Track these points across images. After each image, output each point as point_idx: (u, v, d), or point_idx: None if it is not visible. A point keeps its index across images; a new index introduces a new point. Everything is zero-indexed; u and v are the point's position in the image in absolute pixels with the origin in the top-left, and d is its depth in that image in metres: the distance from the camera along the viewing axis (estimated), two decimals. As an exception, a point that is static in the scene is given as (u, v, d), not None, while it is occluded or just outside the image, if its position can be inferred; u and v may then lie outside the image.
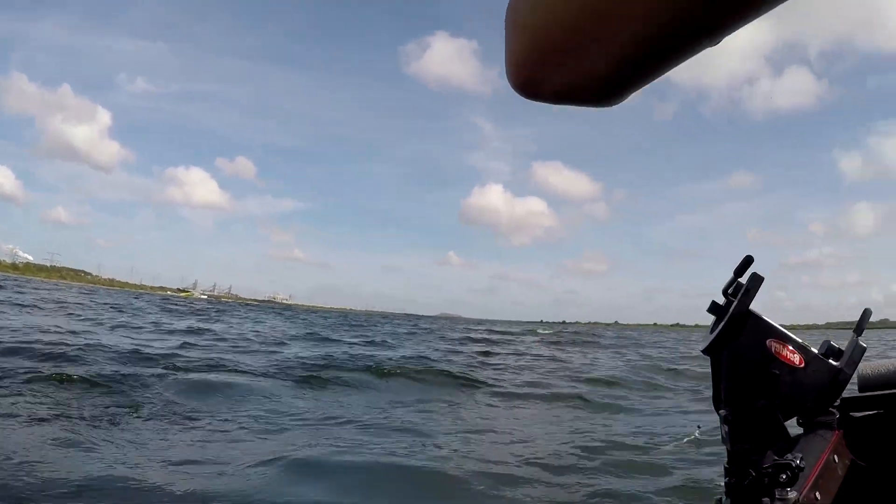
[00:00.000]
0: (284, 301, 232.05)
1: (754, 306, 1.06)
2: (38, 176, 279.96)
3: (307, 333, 23.91)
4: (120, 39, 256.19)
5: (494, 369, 14.41)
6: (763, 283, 1.06)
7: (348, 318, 49.33)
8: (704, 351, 1.11)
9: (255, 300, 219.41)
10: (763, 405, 1.04)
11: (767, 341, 1.05)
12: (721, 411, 1.08)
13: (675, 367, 16.31)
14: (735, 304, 1.06)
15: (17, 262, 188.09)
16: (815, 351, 1.07)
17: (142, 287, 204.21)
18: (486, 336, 31.57)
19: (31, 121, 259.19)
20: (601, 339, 37.19)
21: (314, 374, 10.37)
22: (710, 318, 1.13)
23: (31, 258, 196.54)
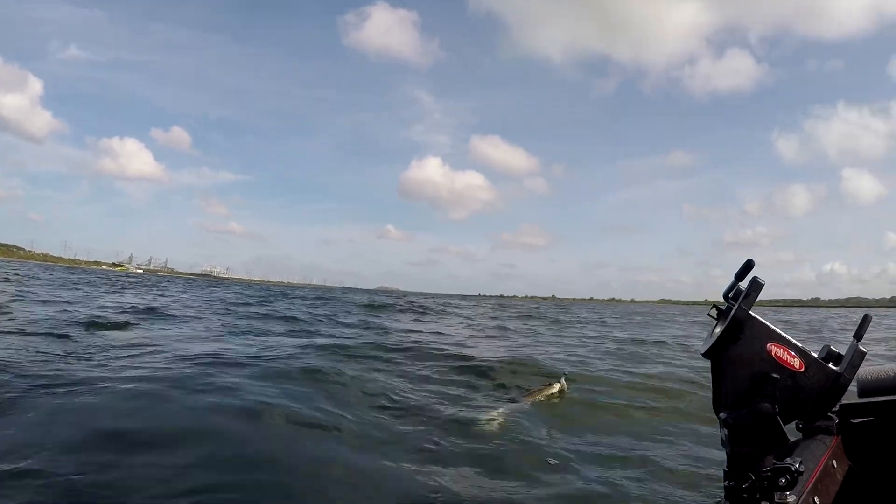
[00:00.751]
0: (221, 275, 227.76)
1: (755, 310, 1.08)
2: None
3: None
4: (53, 5, 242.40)
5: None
6: (762, 288, 1.08)
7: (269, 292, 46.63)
8: (705, 354, 1.12)
9: (192, 274, 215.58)
10: (763, 409, 1.04)
11: (768, 345, 1.06)
12: (721, 414, 1.09)
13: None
14: (735, 307, 1.07)
15: None
16: (815, 355, 1.09)
17: (76, 262, 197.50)
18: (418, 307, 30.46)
19: None
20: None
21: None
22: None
23: None
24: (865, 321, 1.19)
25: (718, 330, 1.11)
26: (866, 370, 1.42)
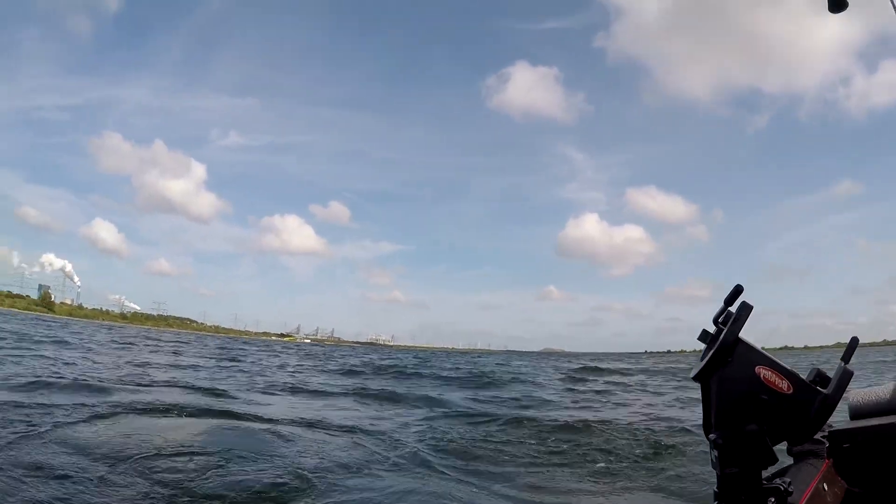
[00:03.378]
0: (387, 343, 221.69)
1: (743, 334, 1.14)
2: (139, 230, 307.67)
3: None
4: (211, 96, 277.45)
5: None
6: (752, 312, 1.14)
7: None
8: (695, 378, 1.18)
9: (358, 342, 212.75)
10: (752, 430, 1.09)
11: (756, 368, 1.11)
12: (711, 436, 1.14)
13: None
14: (725, 331, 1.13)
15: (125, 311, 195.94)
16: (804, 378, 1.14)
17: (246, 333, 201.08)
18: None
19: (128, 178, 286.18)
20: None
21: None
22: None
23: (138, 307, 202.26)
24: (853, 344, 1.26)
25: (708, 354, 1.16)
26: (857, 392, 1.48)
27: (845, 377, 1.13)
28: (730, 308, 1.17)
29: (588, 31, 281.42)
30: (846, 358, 1.20)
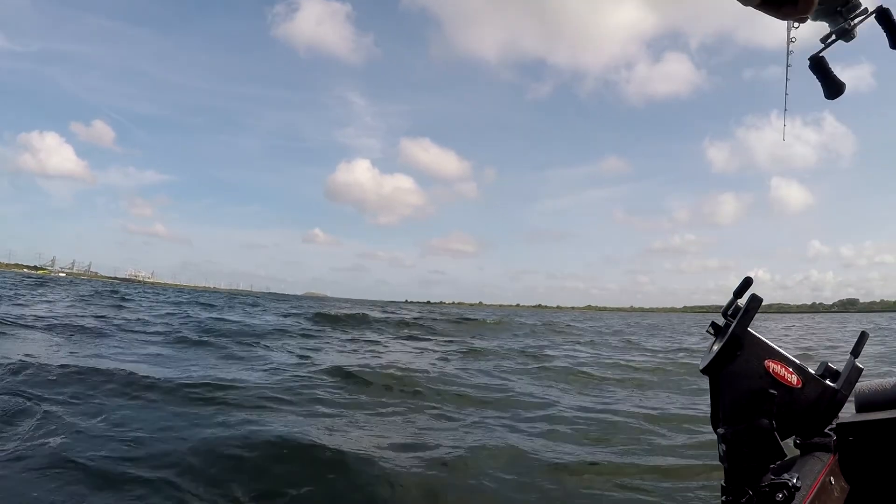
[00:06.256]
0: (146, 279, 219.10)
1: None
2: None
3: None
4: None
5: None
6: (760, 306, 1.10)
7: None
8: (703, 370, 1.14)
9: (116, 278, 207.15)
10: (760, 424, 1.07)
11: (766, 362, 1.09)
12: (719, 430, 1.11)
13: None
14: (734, 324, 1.10)
15: None
16: (813, 372, 1.13)
17: None
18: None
19: None
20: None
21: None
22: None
23: None
24: (863, 338, 1.21)
25: (716, 347, 1.13)
26: (864, 384, 1.43)
27: (855, 372, 1.13)
28: (738, 301, 1.15)
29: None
30: (856, 352, 1.18)
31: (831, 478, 1.22)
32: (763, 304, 1.12)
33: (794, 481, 1.06)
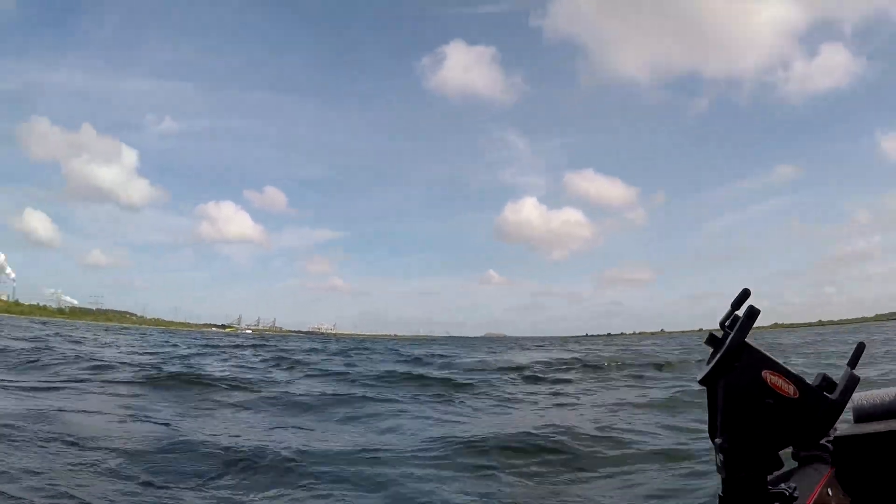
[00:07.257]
0: (329, 331, 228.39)
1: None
2: (70, 220, 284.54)
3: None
4: (141, 80, 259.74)
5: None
6: (758, 316, 1.10)
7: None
8: (701, 381, 1.14)
9: (300, 332, 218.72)
10: (758, 435, 1.06)
11: (763, 372, 1.08)
12: (716, 440, 1.10)
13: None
14: (731, 335, 1.10)
15: (63, 306, 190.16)
16: (810, 382, 1.10)
17: (187, 325, 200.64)
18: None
19: (58, 165, 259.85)
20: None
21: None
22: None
23: (75, 302, 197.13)
24: (859, 349, 1.20)
25: (714, 358, 1.14)
26: (862, 395, 1.44)
27: (852, 382, 1.11)
28: (736, 312, 1.15)
29: (524, 12, 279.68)
30: (852, 363, 1.18)
31: (829, 489, 1.23)
32: None
33: (792, 492, 1.07)
